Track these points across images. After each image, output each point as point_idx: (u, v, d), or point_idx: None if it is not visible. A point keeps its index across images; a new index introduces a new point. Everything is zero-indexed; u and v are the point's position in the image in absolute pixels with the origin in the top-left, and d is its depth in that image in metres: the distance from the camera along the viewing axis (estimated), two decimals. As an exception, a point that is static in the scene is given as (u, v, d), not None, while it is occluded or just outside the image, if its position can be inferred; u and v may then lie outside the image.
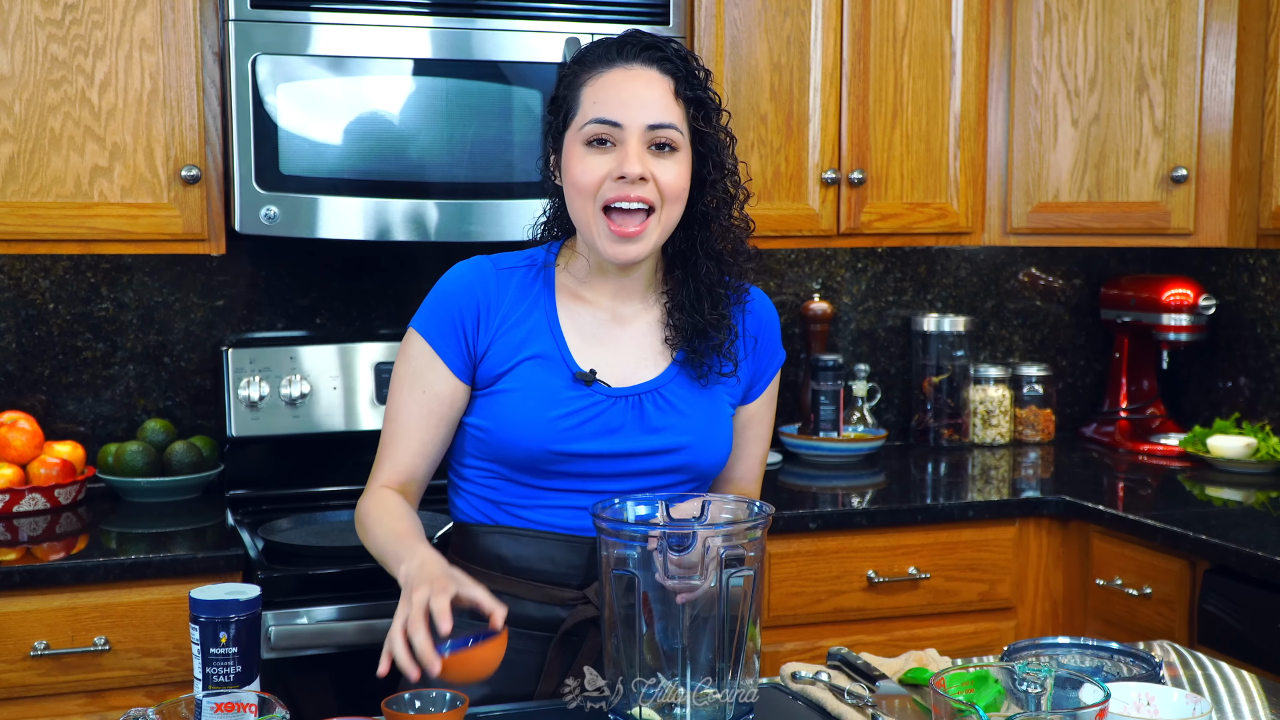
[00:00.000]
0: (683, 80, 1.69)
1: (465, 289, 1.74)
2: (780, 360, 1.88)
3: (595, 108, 1.66)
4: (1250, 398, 3.21)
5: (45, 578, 2.19)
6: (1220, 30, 2.83)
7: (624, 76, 1.67)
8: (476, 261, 1.78)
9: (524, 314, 1.74)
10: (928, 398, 3.28)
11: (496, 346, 1.73)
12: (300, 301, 2.90)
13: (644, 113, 1.65)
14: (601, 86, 1.67)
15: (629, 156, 1.65)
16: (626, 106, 1.65)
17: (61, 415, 2.79)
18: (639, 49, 1.69)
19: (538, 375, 1.71)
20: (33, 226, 2.41)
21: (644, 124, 1.65)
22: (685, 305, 1.75)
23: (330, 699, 2.20)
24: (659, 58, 1.69)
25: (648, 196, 1.66)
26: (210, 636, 1.52)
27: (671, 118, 1.67)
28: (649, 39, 1.70)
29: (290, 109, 2.44)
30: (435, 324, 1.74)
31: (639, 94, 1.66)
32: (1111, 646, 1.57)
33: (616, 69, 1.68)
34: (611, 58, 1.69)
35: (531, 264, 1.79)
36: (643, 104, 1.66)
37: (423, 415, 1.74)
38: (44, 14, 2.38)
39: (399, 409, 1.75)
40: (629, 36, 1.71)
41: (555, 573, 1.73)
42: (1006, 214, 3.00)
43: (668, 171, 1.67)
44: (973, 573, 2.69)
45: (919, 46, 2.88)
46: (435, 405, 1.74)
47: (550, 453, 1.69)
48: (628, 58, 1.68)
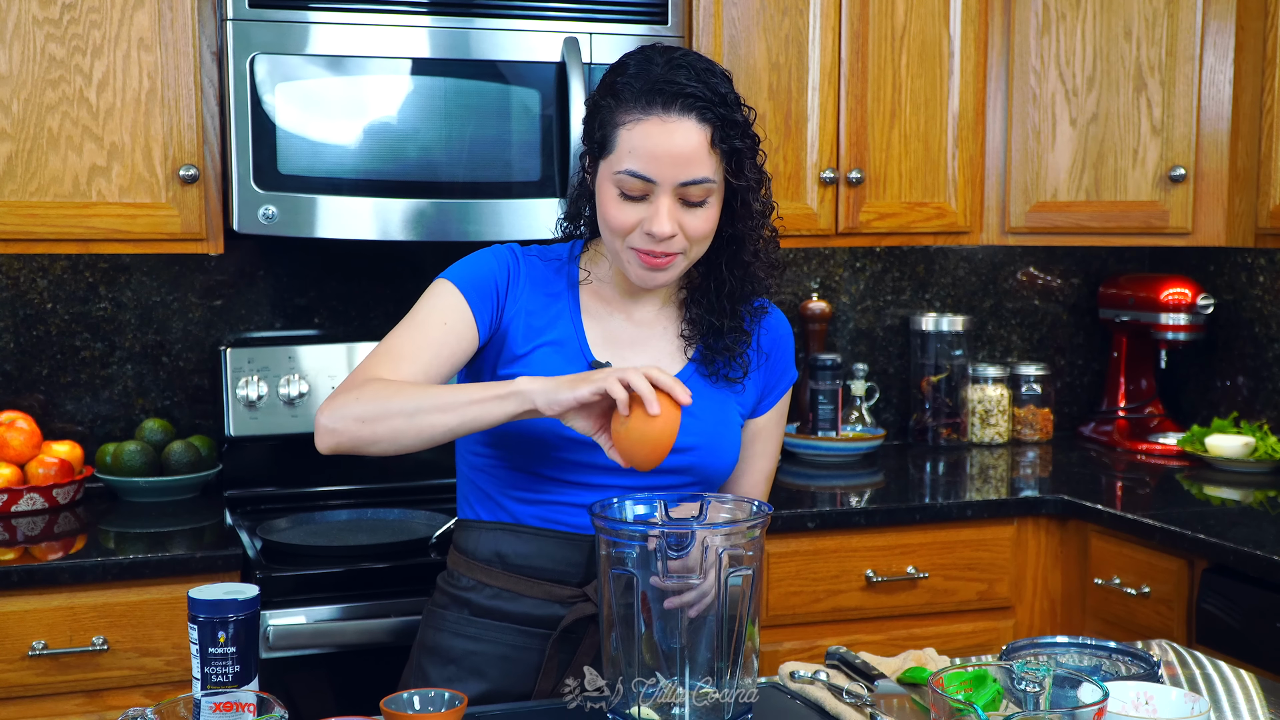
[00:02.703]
0: (720, 127, 1.63)
1: (499, 261, 1.75)
2: (791, 378, 1.88)
3: (630, 158, 1.61)
4: (1248, 397, 3.21)
5: (43, 577, 2.19)
6: (1218, 30, 2.83)
7: (661, 130, 1.60)
8: (507, 245, 1.78)
9: (546, 302, 1.75)
10: (926, 397, 3.28)
11: (518, 324, 1.73)
12: (298, 301, 2.90)
13: (677, 170, 1.61)
14: (638, 136, 1.61)
15: (659, 215, 1.62)
16: (660, 163, 1.60)
17: (59, 415, 2.78)
18: (679, 96, 1.60)
19: (553, 360, 1.72)
20: (31, 226, 2.41)
21: (676, 181, 1.62)
22: (704, 303, 1.76)
23: (329, 698, 2.20)
24: (699, 105, 1.61)
25: (675, 249, 1.65)
26: (209, 636, 1.52)
27: (706, 172, 1.62)
28: (690, 86, 1.61)
29: (288, 108, 2.44)
30: (469, 277, 1.71)
31: (674, 150, 1.60)
32: (1110, 646, 1.57)
33: (654, 118, 1.60)
34: (651, 102, 1.61)
35: (556, 259, 1.80)
36: (676, 161, 1.60)
37: (438, 340, 1.66)
38: (42, 13, 2.38)
39: (411, 330, 1.67)
40: (668, 77, 1.61)
41: (555, 570, 1.73)
42: (1005, 213, 3.00)
43: (697, 219, 1.65)
44: (971, 572, 2.69)
45: (917, 46, 2.88)
46: (450, 339, 1.67)
47: (559, 436, 1.68)
48: (666, 105, 1.60)
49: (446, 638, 1.77)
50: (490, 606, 1.75)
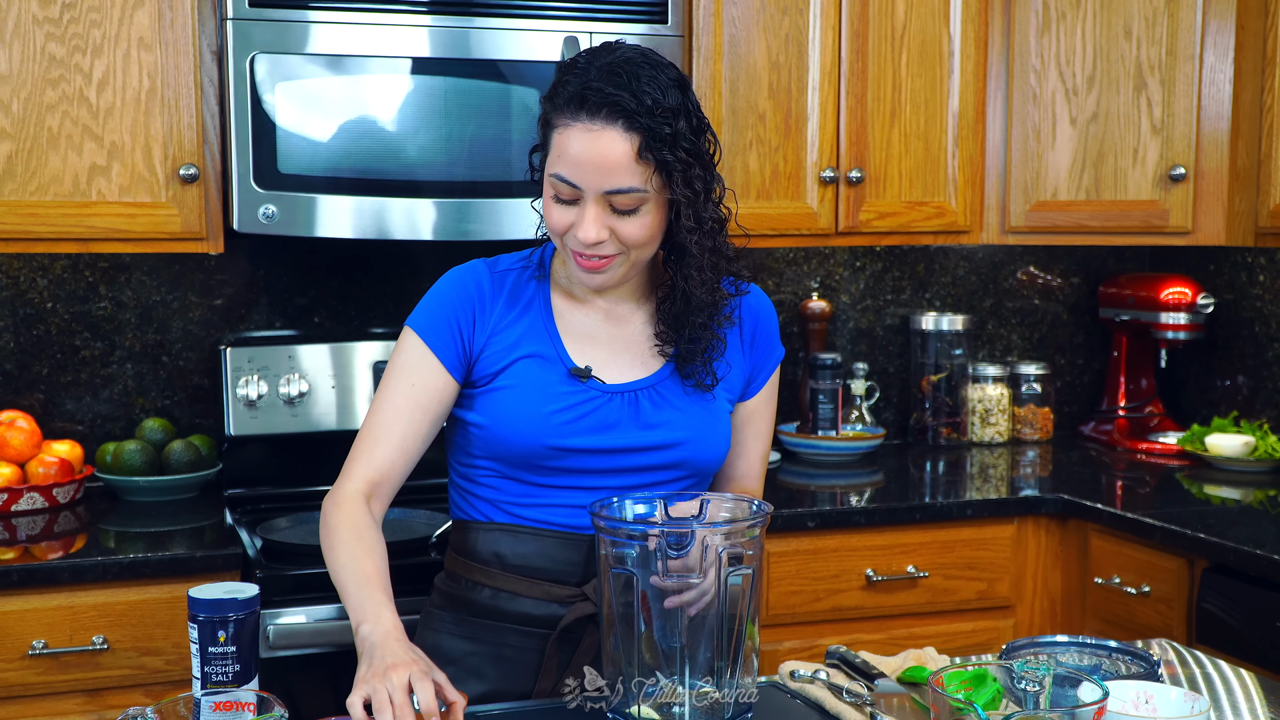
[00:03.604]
0: (648, 137, 1.57)
1: (461, 289, 1.75)
2: (778, 356, 1.87)
3: (559, 162, 1.61)
4: (1248, 396, 3.21)
5: (43, 577, 2.19)
6: (1218, 29, 2.83)
7: (584, 137, 1.58)
8: (472, 265, 1.78)
9: (519, 314, 1.75)
10: (926, 396, 3.28)
11: (492, 345, 1.73)
12: (298, 300, 2.90)
13: (601, 179, 1.58)
14: (565, 140, 1.60)
15: (584, 221, 1.61)
16: (584, 170, 1.58)
17: (60, 414, 2.78)
18: (603, 104, 1.57)
19: (533, 372, 1.72)
20: (31, 225, 2.41)
21: (600, 190, 1.59)
22: (674, 307, 1.74)
23: (329, 698, 2.20)
24: (624, 114, 1.56)
25: (609, 252, 1.64)
26: (209, 635, 1.52)
27: (632, 181, 1.59)
28: (617, 95, 1.56)
29: (288, 108, 2.44)
30: (430, 321, 1.74)
31: (597, 158, 1.57)
32: (1110, 645, 1.57)
33: (580, 125, 1.58)
34: (579, 108, 1.58)
35: (527, 265, 1.79)
36: (598, 169, 1.58)
37: (408, 407, 1.71)
38: (42, 13, 2.38)
39: (384, 401, 1.72)
40: (599, 84, 1.57)
41: (553, 570, 1.73)
42: (1005, 212, 3.00)
43: (630, 226, 1.62)
44: (971, 571, 2.69)
45: (917, 45, 2.88)
46: (422, 398, 1.72)
47: (547, 448, 1.69)
48: (592, 113, 1.57)
49: (445, 638, 1.77)
50: (489, 606, 1.75)
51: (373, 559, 1.62)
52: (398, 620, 1.53)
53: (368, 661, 1.45)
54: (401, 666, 1.41)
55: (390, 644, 1.47)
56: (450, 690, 1.42)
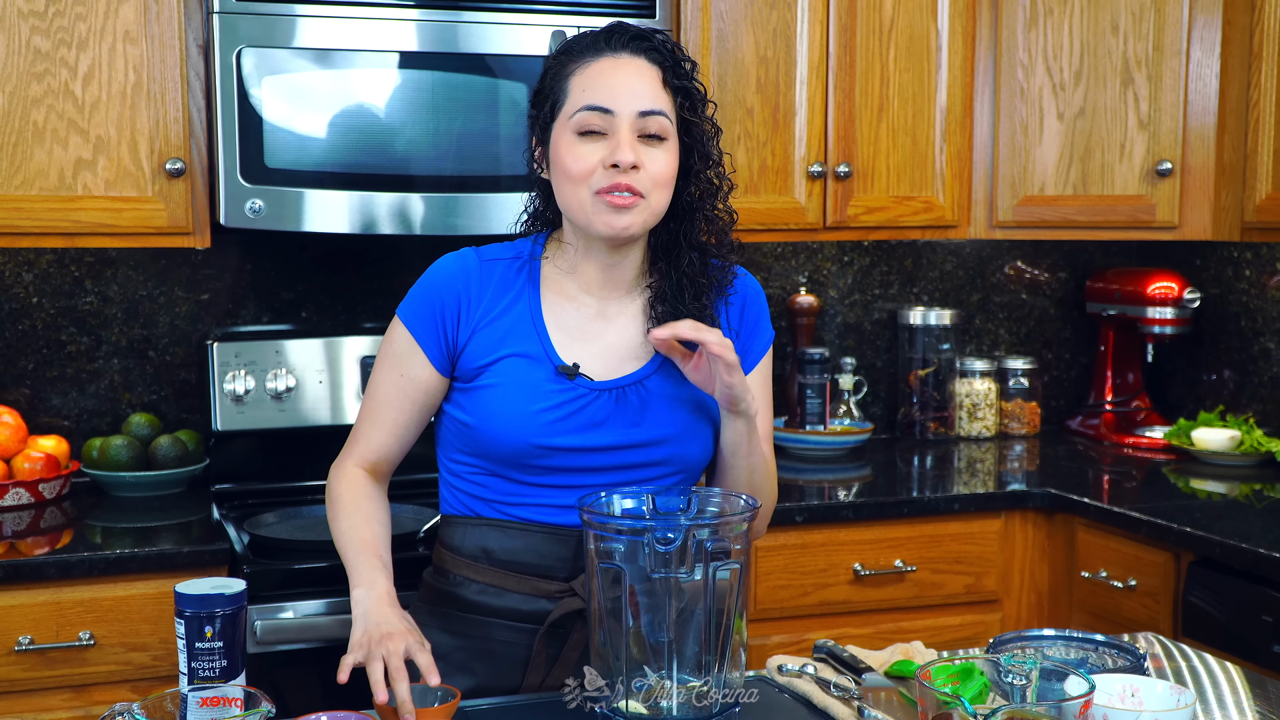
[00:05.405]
0: (670, 70, 1.70)
1: (448, 281, 1.75)
2: (768, 338, 1.87)
3: (586, 95, 1.67)
4: (1234, 390, 3.22)
5: (29, 572, 2.18)
6: (1205, 24, 2.83)
7: (613, 65, 1.69)
8: (462, 254, 1.78)
9: (506, 307, 1.74)
10: (914, 391, 3.28)
11: (477, 339, 1.73)
12: (286, 295, 2.90)
13: (635, 100, 1.67)
14: (591, 75, 1.68)
15: (621, 144, 1.65)
16: (617, 93, 1.67)
17: (45, 409, 2.77)
18: (627, 39, 1.70)
19: (520, 369, 1.71)
20: (16, 220, 2.40)
21: (635, 111, 1.66)
22: (667, 296, 1.75)
23: (316, 693, 2.20)
24: (646, 47, 1.70)
25: (638, 185, 1.66)
26: (195, 631, 1.52)
27: (661, 105, 1.68)
28: (635, 29, 1.72)
29: (275, 102, 2.43)
30: (417, 314, 1.76)
31: (629, 81, 1.67)
32: (1096, 638, 1.57)
33: (605, 58, 1.69)
34: (600, 47, 1.70)
35: (517, 256, 1.79)
36: (633, 91, 1.67)
37: (398, 398, 1.78)
38: (27, 6, 2.37)
39: (377, 388, 1.80)
40: (615, 27, 1.72)
41: (541, 565, 1.73)
42: (992, 207, 3.00)
43: (657, 160, 1.67)
44: (958, 565, 2.69)
45: (905, 40, 2.88)
46: (411, 390, 1.77)
47: (534, 446, 1.69)
48: (616, 47, 1.70)
49: (433, 634, 1.76)
50: (477, 602, 1.75)
51: (371, 526, 1.75)
52: (391, 586, 1.66)
53: (362, 626, 1.59)
54: (397, 636, 1.54)
55: (383, 609, 1.61)
56: (429, 663, 1.53)
